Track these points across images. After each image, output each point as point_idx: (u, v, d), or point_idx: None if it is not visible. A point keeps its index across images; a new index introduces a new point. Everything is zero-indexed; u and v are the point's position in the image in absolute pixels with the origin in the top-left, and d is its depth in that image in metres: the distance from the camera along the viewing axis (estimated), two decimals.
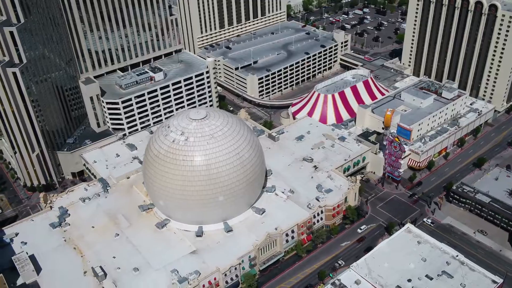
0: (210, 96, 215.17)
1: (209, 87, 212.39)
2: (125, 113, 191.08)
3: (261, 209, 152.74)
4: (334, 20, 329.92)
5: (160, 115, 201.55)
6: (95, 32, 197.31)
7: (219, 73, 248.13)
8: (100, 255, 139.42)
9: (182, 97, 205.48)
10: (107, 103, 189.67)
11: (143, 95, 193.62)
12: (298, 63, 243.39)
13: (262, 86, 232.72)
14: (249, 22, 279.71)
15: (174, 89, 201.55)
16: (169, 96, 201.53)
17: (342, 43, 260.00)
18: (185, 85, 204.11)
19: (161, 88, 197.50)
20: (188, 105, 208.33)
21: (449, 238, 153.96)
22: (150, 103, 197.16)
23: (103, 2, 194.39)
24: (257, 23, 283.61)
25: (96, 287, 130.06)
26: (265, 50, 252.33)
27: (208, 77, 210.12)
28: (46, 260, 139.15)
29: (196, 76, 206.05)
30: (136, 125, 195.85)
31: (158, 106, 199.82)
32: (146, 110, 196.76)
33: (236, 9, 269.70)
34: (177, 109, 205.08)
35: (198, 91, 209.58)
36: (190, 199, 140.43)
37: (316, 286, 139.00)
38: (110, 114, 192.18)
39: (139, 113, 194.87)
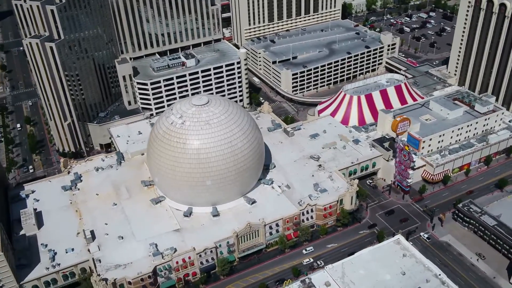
0: (240, 86, 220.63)
1: (239, 77, 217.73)
2: (153, 94, 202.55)
3: (252, 199, 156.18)
4: (395, 22, 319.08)
5: None
6: (136, 16, 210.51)
7: (259, 65, 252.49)
8: (95, 220, 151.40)
9: (211, 84, 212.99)
10: (137, 83, 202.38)
11: (172, 78, 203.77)
12: (338, 62, 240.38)
13: (296, 82, 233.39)
14: (300, 18, 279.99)
15: (203, 76, 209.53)
16: (198, 83, 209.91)
17: (389, 45, 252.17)
18: (215, 73, 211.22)
19: (190, 74, 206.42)
20: (216, 92, 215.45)
21: (442, 257, 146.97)
22: (179, 87, 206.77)
23: None
24: (308, 19, 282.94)
25: (83, 248, 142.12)
26: (308, 46, 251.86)
27: (239, 68, 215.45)
28: (49, 217, 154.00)
29: (226, 65, 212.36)
30: (163, 106, 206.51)
31: (187, 91, 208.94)
32: (174, 94, 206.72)
33: (287, 4, 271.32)
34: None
35: (228, 80, 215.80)
36: (179, 179, 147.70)
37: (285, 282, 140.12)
38: (140, 93, 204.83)
39: (167, 95, 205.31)
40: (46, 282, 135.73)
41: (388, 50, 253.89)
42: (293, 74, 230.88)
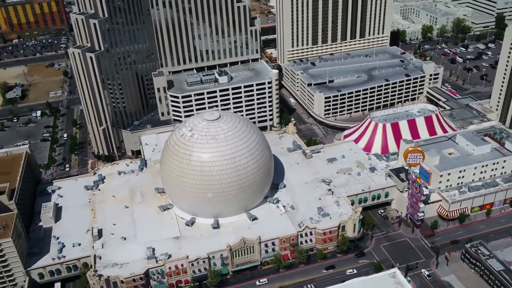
0: (270, 106, 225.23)
1: (270, 97, 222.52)
2: (184, 107, 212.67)
3: (254, 216, 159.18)
4: (448, 51, 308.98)
5: None
6: (177, 33, 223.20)
7: (297, 87, 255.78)
8: (106, 219, 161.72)
9: (241, 102, 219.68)
10: (170, 95, 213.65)
11: (203, 93, 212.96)
12: (374, 89, 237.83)
13: (329, 105, 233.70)
14: (345, 42, 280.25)
15: (234, 93, 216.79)
16: (229, 99, 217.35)
17: (431, 75, 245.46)
18: (245, 92, 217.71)
19: (221, 90, 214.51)
20: (246, 110, 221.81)
21: None
22: (209, 102, 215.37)
23: (187, 9, 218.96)
24: (354, 44, 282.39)
25: (88, 244, 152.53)
26: (346, 71, 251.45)
27: (270, 88, 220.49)
28: (67, 213, 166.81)
29: (257, 84, 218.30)
30: None
31: (217, 106, 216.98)
32: (205, 108, 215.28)
33: (332, 28, 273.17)
34: (235, 113, 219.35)
35: (258, 99, 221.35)
36: (184, 190, 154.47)
37: None
38: (172, 105, 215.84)
39: (197, 109, 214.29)
40: (50, 271, 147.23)
41: (430, 79, 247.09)
42: (326, 97, 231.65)
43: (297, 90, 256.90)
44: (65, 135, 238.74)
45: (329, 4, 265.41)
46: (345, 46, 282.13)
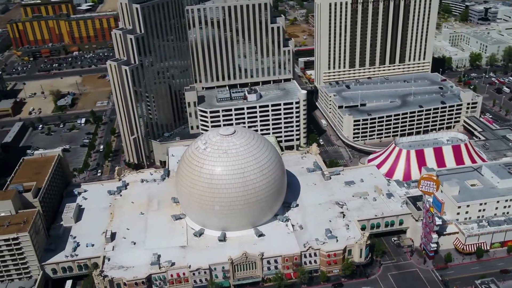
0: (298, 126, 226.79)
1: (297, 117, 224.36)
2: (211, 122, 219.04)
3: (261, 232, 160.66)
4: (495, 80, 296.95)
5: None
6: (211, 51, 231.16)
7: (329, 108, 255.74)
8: (121, 224, 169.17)
9: (268, 120, 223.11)
10: (199, 110, 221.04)
11: (230, 110, 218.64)
12: (406, 114, 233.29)
13: (358, 129, 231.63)
14: (384, 67, 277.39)
15: (261, 111, 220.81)
16: (256, 117, 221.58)
17: (468, 104, 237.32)
18: (273, 110, 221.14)
19: (248, 108, 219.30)
20: (273, 129, 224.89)
21: None
22: (236, 119, 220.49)
23: (223, 29, 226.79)
24: (393, 69, 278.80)
25: (101, 245, 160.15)
26: (380, 95, 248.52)
27: (297, 108, 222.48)
28: (88, 214, 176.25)
29: (284, 104, 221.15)
30: None
31: (244, 123, 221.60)
32: (232, 124, 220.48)
33: (371, 51, 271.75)
34: (261, 131, 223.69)
35: (285, 118, 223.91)
36: (194, 201, 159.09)
37: None
38: (201, 120, 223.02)
39: (224, 125, 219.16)
40: (63, 268, 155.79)
41: (468, 108, 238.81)
42: (355, 120, 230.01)
43: (329, 112, 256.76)
44: (102, 142, 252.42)
45: (368, 28, 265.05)
46: (384, 70, 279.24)
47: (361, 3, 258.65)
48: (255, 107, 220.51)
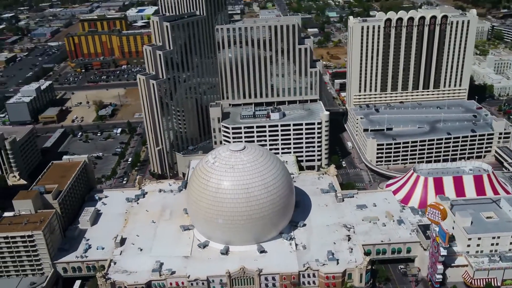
0: (319, 147, 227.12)
1: (319, 137, 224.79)
2: (233, 138, 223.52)
3: (263, 248, 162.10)
4: None
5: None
6: (239, 70, 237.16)
7: (356, 131, 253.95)
8: (132, 230, 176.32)
9: (289, 139, 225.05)
10: (222, 125, 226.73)
11: (252, 127, 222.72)
12: (433, 141, 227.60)
13: (382, 153, 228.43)
14: (417, 92, 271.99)
15: (282, 130, 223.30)
16: (277, 135, 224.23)
17: (500, 133, 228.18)
18: (294, 130, 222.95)
19: (270, 126, 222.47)
20: (294, 148, 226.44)
21: None
22: (258, 136, 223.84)
23: (251, 48, 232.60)
24: (427, 94, 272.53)
25: (110, 249, 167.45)
26: (409, 120, 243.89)
27: (319, 128, 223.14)
28: (104, 219, 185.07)
29: (306, 124, 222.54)
30: None
31: (265, 141, 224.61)
32: (253, 141, 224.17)
33: (403, 76, 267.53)
34: (283, 149, 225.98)
35: (307, 138, 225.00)
36: (199, 212, 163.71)
37: None
38: (223, 135, 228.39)
39: (246, 141, 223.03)
40: (73, 268, 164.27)
41: (500, 138, 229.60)
42: (378, 144, 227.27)
43: (356, 135, 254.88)
44: (133, 152, 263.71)
45: (401, 52, 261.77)
46: (417, 95, 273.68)
47: (394, 27, 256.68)
48: (277, 126, 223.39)
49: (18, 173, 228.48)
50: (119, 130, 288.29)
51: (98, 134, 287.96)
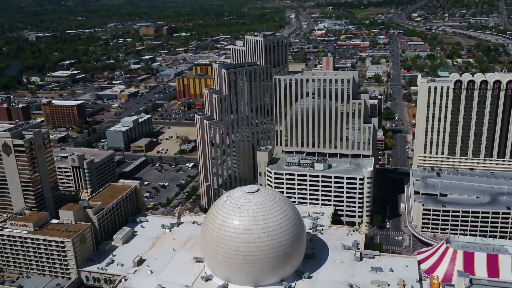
0: (360, 203, 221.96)
1: (360, 193, 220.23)
2: (275, 183, 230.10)
3: None
4: None
5: (306, 198, 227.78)
6: (293, 119, 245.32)
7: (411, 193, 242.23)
8: (154, 254, 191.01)
9: (330, 192, 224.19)
10: (267, 170, 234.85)
11: (294, 175, 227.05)
12: (487, 214, 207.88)
13: (428, 219, 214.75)
14: (491, 160, 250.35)
15: (323, 182, 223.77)
16: (318, 186, 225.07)
17: None
18: (335, 183, 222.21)
19: (311, 176, 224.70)
20: (334, 201, 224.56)
21: None
22: (299, 184, 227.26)
23: (306, 101, 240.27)
24: (502, 164, 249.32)
25: (128, 267, 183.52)
26: (468, 188, 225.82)
27: (361, 184, 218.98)
28: (137, 240, 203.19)
29: (347, 178, 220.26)
30: None
31: (306, 189, 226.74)
32: (294, 189, 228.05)
33: (475, 141, 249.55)
34: (323, 200, 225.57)
35: (347, 192, 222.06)
36: (205, 246, 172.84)
37: None
38: (267, 180, 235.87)
39: (287, 188, 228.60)
40: (93, 277, 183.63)
41: None
42: (424, 209, 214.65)
43: (410, 197, 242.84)
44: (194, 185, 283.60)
45: (473, 116, 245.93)
46: (490, 164, 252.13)
47: (465, 89, 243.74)
48: (318, 176, 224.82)
49: (90, 190, 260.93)
50: (191, 164, 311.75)
51: (173, 166, 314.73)
